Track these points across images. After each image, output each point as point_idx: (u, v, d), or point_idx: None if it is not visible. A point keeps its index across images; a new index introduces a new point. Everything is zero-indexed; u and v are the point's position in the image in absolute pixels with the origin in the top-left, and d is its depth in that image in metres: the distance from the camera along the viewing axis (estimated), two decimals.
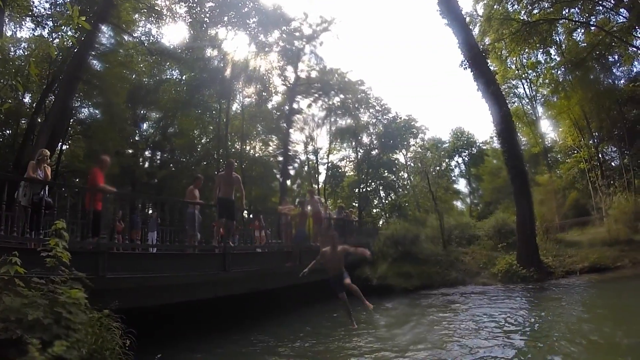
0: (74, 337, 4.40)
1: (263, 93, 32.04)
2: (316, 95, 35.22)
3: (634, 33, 23.05)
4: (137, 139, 27.69)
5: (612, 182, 26.78)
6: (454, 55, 76.26)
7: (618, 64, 27.93)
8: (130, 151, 26.13)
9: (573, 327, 8.23)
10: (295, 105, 33.71)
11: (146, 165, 28.99)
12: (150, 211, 11.29)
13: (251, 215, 17.51)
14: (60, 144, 21.44)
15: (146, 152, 29.34)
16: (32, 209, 7.42)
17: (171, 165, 29.53)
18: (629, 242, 16.92)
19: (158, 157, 30.22)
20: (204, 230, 11.83)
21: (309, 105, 35.72)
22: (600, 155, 29.82)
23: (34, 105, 22.49)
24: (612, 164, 30.55)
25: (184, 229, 10.52)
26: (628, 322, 8.24)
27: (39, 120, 20.65)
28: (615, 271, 15.13)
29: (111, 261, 7.19)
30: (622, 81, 28.21)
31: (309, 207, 15.58)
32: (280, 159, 32.84)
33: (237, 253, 10.94)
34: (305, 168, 38.77)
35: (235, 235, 12.99)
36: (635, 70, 27.84)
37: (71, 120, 23.20)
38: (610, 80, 28.19)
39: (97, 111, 24.57)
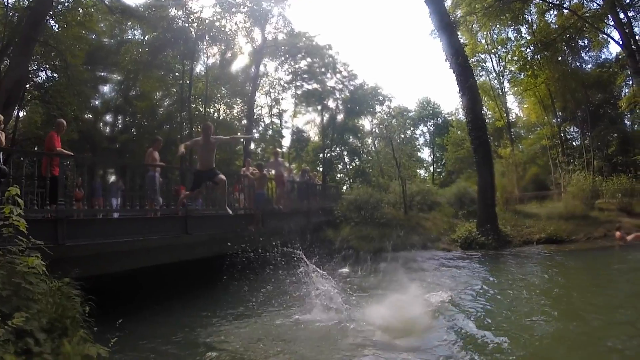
0: (34, 308, 4.29)
1: (228, 54, 31.19)
2: (283, 58, 34.60)
3: (606, 20, 23.58)
4: (97, 102, 26.56)
5: (572, 160, 27.78)
6: (424, 25, 75.64)
7: (587, 49, 28.78)
8: (89, 116, 25.06)
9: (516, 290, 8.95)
10: (261, 68, 33.10)
11: (107, 130, 27.97)
12: (113, 178, 10.91)
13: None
14: (16, 109, 20.26)
15: (106, 117, 28.27)
16: None
17: (133, 129, 28.56)
18: (584, 218, 17.77)
19: (119, 121, 29.15)
20: (166, 194, 11.57)
21: (276, 69, 35.19)
22: (562, 134, 30.81)
23: None
24: (573, 143, 31.73)
25: (146, 193, 10.29)
26: (569, 290, 9.03)
27: None
28: (570, 244, 15.92)
29: (70, 228, 6.95)
30: (589, 65, 29.16)
31: (272, 171, 15.54)
32: (245, 122, 32.36)
33: (199, 216, 10.85)
34: (270, 132, 38.41)
35: (198, 198, 12.85)
36: (603, 56, 28.77)
37: (28, 85, 21.91)
38: (578, 64, 29.03)
39: (55, 74, 23.31)
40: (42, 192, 7.33)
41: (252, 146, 34.02)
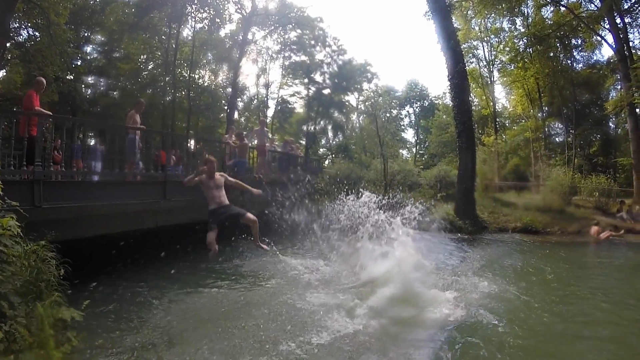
0: (8, 271, 4.23)
1: (216, 20, 30.34)
2: (272, 27, 33.90)
3: (601, 23, 23.43)
4: (79, 63, 25.67)
5: (553, 155, 28.15)
6: (418, 5, 74.41)
7: (580, 49, 28.66)
8: (71, 77, 24.27)
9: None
10: (249, 36, 32.39)
11: (88, 92, 27.14)
12: (92, 142, 10.67)
13: (198, 145, 17.13)
14: None
15: (88, 78, 27.34)
16: None
17: (115, 92, 27.80)
18: (560, 212, 18.00)
19: (101, 84, 28.23)
20: (146, 158, 11.41)
21: (264, 38, 34.45)
22: (546, 129, 31.05)
23: None
24: (556, 139, 32.01)
25: (126, 156, 10.13)
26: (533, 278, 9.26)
27: None
28: (545, 235, 16.14)
29: (47, 190, 6.83)
30: (580, 65, 29.09)
31: (255, 141, 15.44)
32: (230, 90, 31.85)
33: (178, 181, 10.77)
34: (255, 101, 37.96)
35: (179, 165, 12.72)
36: (595, 58, 28.79)
37: (8, 44, 20.99)
38: (569, 62, 28.94)
39: (37, 33, 22.39)
40: (19, 154, 7.10)
41: (236, 115, 33.61)
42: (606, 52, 32.56)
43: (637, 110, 21.05)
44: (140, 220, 9.16)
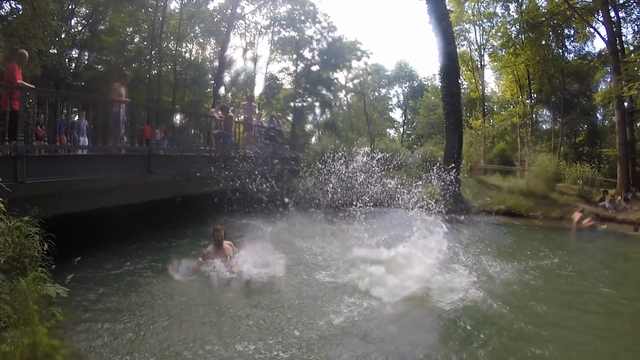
0: None
1: None
2: (262, 1, 33.29)
3: (595, 15, 23.51)
4: (62, 36, 24.95)
5: (539, 142, 28.44)
6: None
7: (572, 39, 28.63)
8: (54, 51, 23.60)
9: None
10: (238, 10, 31.77)
11: (72, 66, 26.44)
12: (76, 117, 10.50)
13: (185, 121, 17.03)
14: None
15: (72, 52, 26.61)
16: None
17: (99, 66, 27.14)
18: (544, 197, 18.30)
19: (85, 57, 27.55)
20: (130, 132, 11.30)
21: (253, 12, 33.83)
22: (534, 116, 31.24)
23: None
24: (543, 126, 32.32)
25: (110, 130, 10.01)
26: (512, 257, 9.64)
27: None
28: (527, 219, 16.45)
29: (31, 166, 6.73)
30: (571, 55, 29.16)
31: (242, 116, 15.35)
32: (217, 64, 31.37)
33: (163, 155, 10.74)
34: (242, 76, 37.49)
35: (164, 139, 12.62)
36: (587, 49, 28.82)
37: None
38: (560, 51, 28.99)
39: (19, 6, 21.64)
40: (1, 131, 6.96)
41: (222, 90, 33.19)
42: (598, 44, 32.68)
43: (625, 103, 21.32)
44: (125, 194, 9.12)
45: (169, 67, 28.78)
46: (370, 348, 5.05)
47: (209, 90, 32.04)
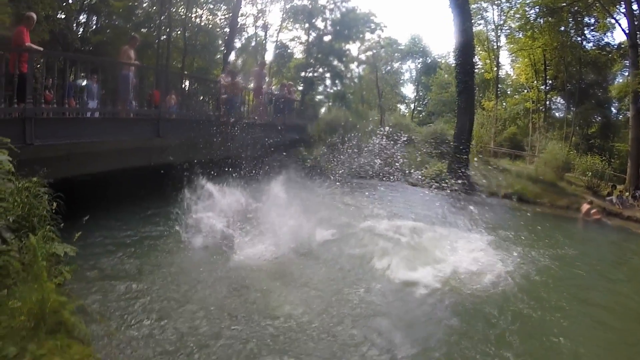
0: (1, 207, 4.26)
1: None
2: None
3: (617, 6, 22.79)
4: (70, 1, 24.54)
5: (551, 129, 27.90)
6: None
7: (592, 28, 27.61)
8: (62, 15, 23.27)
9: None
10: None
11: (80, 31, 26.13)
12: (85, 81, 10.44)
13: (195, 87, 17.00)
14: None
15: (80, 16, 26.23)
16: None
17: (108, 30, 26.78)
18: (552, 185, 18.17)
19: (94, 22, 27.10)
20: (140, 96, 11.29)
21: None
22: (547, 102, 30.58)
23: None
24: (557, 114, 31.67)
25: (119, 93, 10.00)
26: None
27: None
28: (533, 205, 16.35)
29: (39, 128, 6.80)
30: (590, 44, 28.14)
31: (251, 84, 15.27)
32: (227, 30, 30.96)
33: (172, 119, 10.74)
34: (253, 43, 37.02)
35: (175, 104, 12.61)
36: (606, 40, 27.78)
37: None
38: (579, 39, 27.99)
39: None
40: (9, 95, 6.93)
41: (232, 57, 32.86)
42: (618, 36, 31.42)
43: None
44: (133, 158, 9.18)
45: (179, 32, 28.38)
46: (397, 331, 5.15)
47: (218, 56, 31.68)
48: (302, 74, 37.09)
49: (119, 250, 6.84)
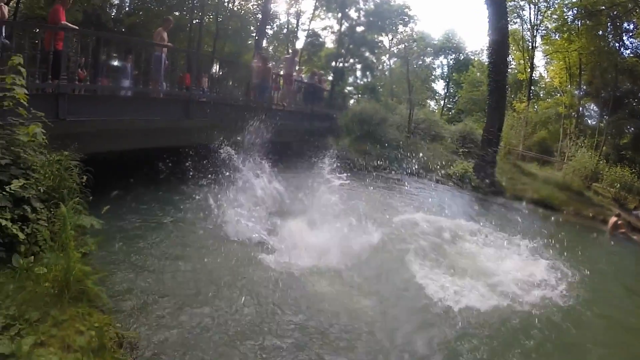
0: (32, 177, 4.41)
1: None
2: None
3: None
4: None
5: (583, 136, 27.05)
6: None
7: (631, 34, 26.33)
8: None
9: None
10: None
11: (113, 12, 26.52)
12: (116, 62, 10.66)
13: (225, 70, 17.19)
14: None
15: None
16: None
17: (141, 12, 27.15)
18: (578, 194, 17.73)
19: (127, 3, 27.54)
20: (170, 78, 11.46)
21: None
22: (580, 108, 29.56)
23: None
24: (589, 121, 30.52)
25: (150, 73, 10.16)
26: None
27: None
28: (559, 213, 15.84)
29: (72, 104, 6.99)
30: (628, 51, 26.90)
31: (282, 71, 15.30)
32: (259, 16, 31.04)
33: (201, 102, 10.85)
34: (284, 30, 37.04)
35: (204, 86, 12.76)
36: None
37: None
38: (616, 45, 26.85)
39: None
40: (43, 73, 7.11)
41: (265, 43, 32.94)
42: None
43: None
44: (162, 137, 9.34)
45: (211, 16, 28.56)
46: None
47: (250, 42, 31.84)
48: (333, 63, 36.92)
49: (142, 226, 7.01)
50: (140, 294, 4.94)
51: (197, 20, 26.31)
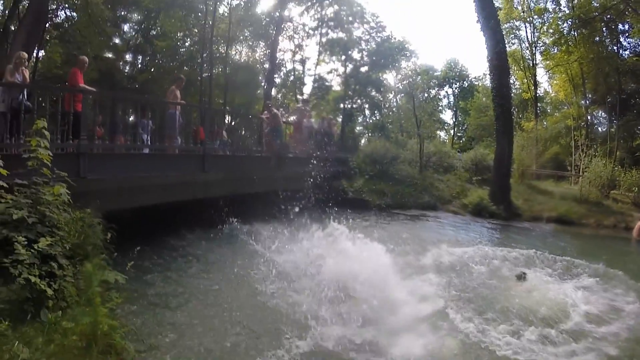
0: (58, 235, 4.57)
1: None
2: (309, 3, 33.69)
3: None
4: (117, 42, 26.18)
5: (594, 145, 26.97)
6: None
7: (627, 35, 26.98)
8: (109, 55, 24.86)
9: None
10: (286, 12, 32.33)
11: (126, 69, 27.77)
12: (132, 118, 11.08)
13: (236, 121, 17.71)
14: (36, 50, 19.99)
15: (126, 56, 27.93)
16: (11, 115, 7.22)
17: (152, 69, 28.32)
18: (597, 205, 17.55)
19: (139, 61, 28.84)
20: (185, 134, 11.82)
21: (301, 14, 34.26)
22: (589, 117, 29.81)
23: (7, 11, 20.50)
24: (599, 129, 30.72)
25: (166, 131, 10.50)
26: None
27: (13, 28, 18.78)
28: (579, 227, 15.82)
29: (92, 162, 7.23)
30: (627, 52, 27.47)
31: (292, 117, 15.61)
32: (266, 66, 31.99)
33: (216, 155, 11.13)
34: (291, 77, 37.97)
35: (217, 138, 13.08)
36: None
37: (47, 24, 21.57)
38: (615, 48, 27.45)
39: (74, 13, 22.98)
40: (63, 131, 7.42)
41: (274, 92, 33.78)
42: None
43: None
44: (179, 192, 9.52)
45: (220, 69, 29.54)
46: None
47: (259, 91, 32.68)
48: (341, 105, 37.61)
49: (165, 280, 7.08)
50: (165, 348, 4.94)
51: (207, 74, 27.14)
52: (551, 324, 5.95)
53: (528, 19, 30.87)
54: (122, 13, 26.80)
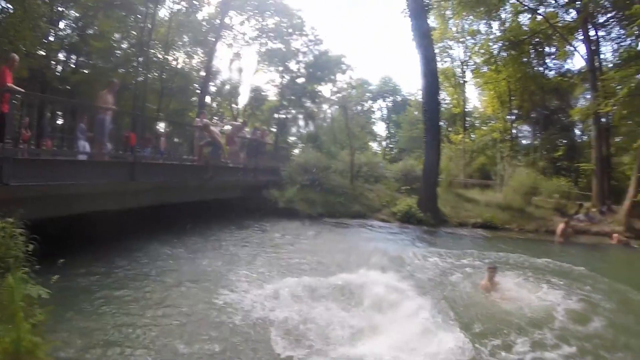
0: None
1: (194, 1, 29.89)
2: (251, 13, 33.69)
3: (575, 34, 24.49)
4: (51, 39, 24.78)
5: (519, 156, 28.77)
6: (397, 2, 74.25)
7: (552, 56, 29.39)
8: (42, 52, 23.46)
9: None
10: (227, 20, 32.11)
11: (58, 69, 26.31)
12: (60, 121, 10.61)
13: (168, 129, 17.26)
14: None
15: (60, 55, 26.47)
16: None
17: (86, 70, 26.95)
18: (520, 211, 18.69)
19: (73, 61, 27.40)
20: (115, 140, 11.46)
21: (242, 23, 34.18)
22: (514, 131, 31.91)
23: None
24: (523, 141, 33.07)
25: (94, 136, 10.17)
26: None
27: None
28: (503, 231, 16.86)
29: (16, 168, 6.82)
30: (551, 72, 29.83)
31: (225, 127, 15.55)
32: (203, 73, 31.58)
33: (147, 163, 10.88)
34: (227, 86, 37.66)
35: (147, 146, 12.80)
36: (567, 66, 29.54)
37: None
38: (541, 68, 29.71)
39: (9, 5, 21.56)
40: None
41: (208, 99, 33.36)
42: (578, 62, 33.41)
43: (602, 119, 21.99)
44: (108, 200, 9.26)
45: (156, 74, 28.76)
46: None
47: (194, 98, 32.12)
48: (276, 115, 37.72)
49: (94, 292, 6.84)
50: None
51: (142, 78, 26.32)
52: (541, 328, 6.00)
53: (461, 40, 32.65)
54: (60, 9, 25.32)
